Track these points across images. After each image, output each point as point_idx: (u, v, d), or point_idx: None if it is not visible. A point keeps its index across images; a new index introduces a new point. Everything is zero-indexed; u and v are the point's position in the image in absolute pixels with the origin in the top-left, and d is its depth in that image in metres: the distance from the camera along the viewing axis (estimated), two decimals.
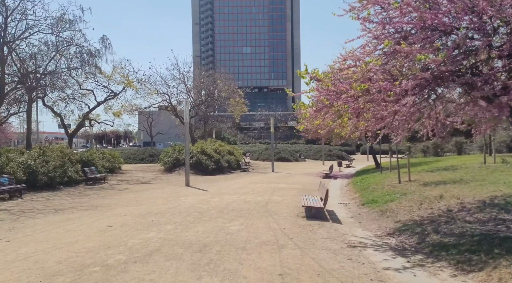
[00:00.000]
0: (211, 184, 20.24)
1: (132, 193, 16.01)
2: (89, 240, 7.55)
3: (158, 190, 17.09)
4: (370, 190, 14.57)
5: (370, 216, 10.37)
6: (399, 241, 7.45)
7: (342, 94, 7.85)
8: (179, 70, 33.10)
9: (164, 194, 15.54)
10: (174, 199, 13.93)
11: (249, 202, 12.81)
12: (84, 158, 22.05)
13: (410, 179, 15.03)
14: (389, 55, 7.48)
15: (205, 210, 11.15)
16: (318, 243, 7.33)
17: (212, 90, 34.64)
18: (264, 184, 19.49)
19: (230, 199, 13.70)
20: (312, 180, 22.25)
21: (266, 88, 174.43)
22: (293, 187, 17.98)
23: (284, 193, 15.61)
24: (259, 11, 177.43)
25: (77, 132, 26.96)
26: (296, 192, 15.88)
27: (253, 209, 11.26)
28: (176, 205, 12.20)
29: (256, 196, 14.60)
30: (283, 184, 19.26)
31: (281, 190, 16.50)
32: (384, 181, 16.13)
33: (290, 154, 47.20)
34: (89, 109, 25.91)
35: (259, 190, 16.48)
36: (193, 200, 13.38)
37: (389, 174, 18.73)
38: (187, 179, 19.14)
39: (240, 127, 77.67)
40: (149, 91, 31.33)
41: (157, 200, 13.78)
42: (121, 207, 12.21)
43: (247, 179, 22.96)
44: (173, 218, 9.79)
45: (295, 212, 10.95)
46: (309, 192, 15.89)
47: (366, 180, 18.58)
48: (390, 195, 12.50)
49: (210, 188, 17.77)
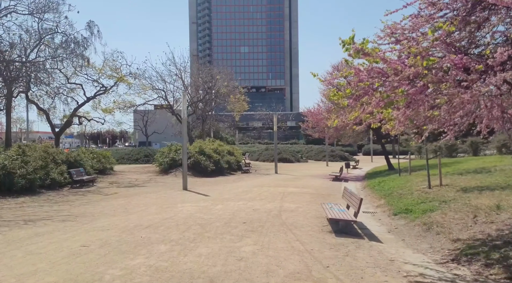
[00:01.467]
0: (211, 187, 18.24)
1: (122, 199, 13.97)
2: (52, 270, 5.53)
3: (151, 195, 15.05)
4: (397, 196, 12.62)
5: (412, 230, 8.40)
6: (475, 272, 5.48)
7: (396, 73, 5.89)
8: (175, 65, 31.07)
9: (158, 200, 13.51)
10: (170, 206, 11.92)
11: (258, 211, 10.82)
12: (71, 158, 19.96)
13: (441, 183, 13.09)
14: (464, 18, 5.51)
15: (208, 221, 9.15)
16: (366, 275, 5.35)
17: (210, 86, 32.62)
18: (271, 187, 17.51)
19: (236, 206, 11.70)
20: (322, 182, 20.30)
21: (264, 88, 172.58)
22: (305, 191, 16.01)
23: (297, 198, 13.63)
24: (257, 10, 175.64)
25: (64, 131, 24.91)
26: (310, 198, 13.91)
27: (265, 221, 9.27)
28: (172, 215, 10.19)
29: (265, 202, 12.61)
30: (292, 188, 17.29)
31: (292, 195, 14.52)
32: (409, 185, 14.19)
33: (291, 155, 45.20)
34: (78, 105, 23.80)
35: (267, 195, 14.50)
36: (192, 208, 11.38)
37: (410, 177, 16.80)
38: (185, 182, 17.13)
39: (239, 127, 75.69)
40: (144, 87, 29.28)
41: (150, 207, 11.76)
42: (106, 217, 10.17)
43: (250, 182, 20.96)
44: (168, 234, 7.78)
45: (317, 224, 8.98)
46: (325, 198, 13.94)
47: (385, 183, 16.63)
48: (426, 202, 10.55)
49: (210, 192, 15.77)
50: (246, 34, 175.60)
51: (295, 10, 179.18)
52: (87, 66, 21.83)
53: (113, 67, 22.86)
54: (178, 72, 31.44)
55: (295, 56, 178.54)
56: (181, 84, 31.55)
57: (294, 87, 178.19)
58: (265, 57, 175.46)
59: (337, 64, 24.30)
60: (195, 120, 39.50)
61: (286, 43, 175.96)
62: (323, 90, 24.92)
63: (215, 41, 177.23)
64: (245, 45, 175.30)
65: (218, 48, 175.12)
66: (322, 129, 25.50)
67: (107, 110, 26.58)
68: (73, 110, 23.40)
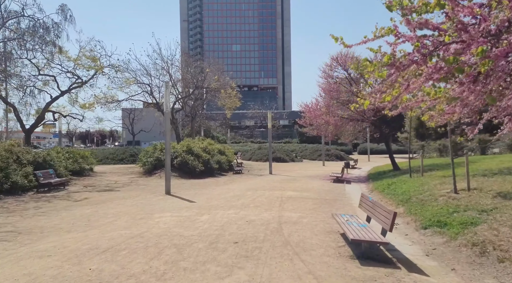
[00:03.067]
0: (198, 190, 16.05)
1: (90, 206, 11.72)
2: None
3: (127, 201, 12.83)
4: (417, 203, 10.58)
5: (459, 254, 6.34)
6: None
7: (463, 28, 3.80)
8: (162, 57, 28.74)
9: (133, 208, 11.30)
10: (145, 217, 9.73)
11: (253, 223, 8.70)
12: (39, 158, 17.62)
13: (469, 187, 11.09)
14: None
15: (188, 241, 7.00)
16: None
17: (200, 81, 30.35)
18: (266, 191, 15.39)
19: (225, 216, 9.56)
20: (323, 184, 18.24)
21: (256, 86, 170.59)
22: (305, 195, 13.91)
23: (298, 205, 11.54)
24: (249, 8, 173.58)
25: (36, 127, 22.52)
26: (313, 204, 11.83)
27: (263, 239, 7.16)
28: (144, 230, 8.02)
29: (261, 210, 10.50)
30: (290, 191, 15.19)
31: (291, 201, 12.42)
32: (427, 189, 12.19)
33: (285, 154, 43.15)
34: (51, 99, 21.38)
35: (263, 201, 12.38)
36: (171, 220, 9.21)
37: (424, 179, 14.79)
38: (168, 185, 14.92)
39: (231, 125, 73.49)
40: (127, 81, 26.91)
41: (120, 218, 9.56)
42: (58, 234, 7.96)
43: (242, 184, 18.83)
44: (130, 264, 5.62)
45: (330, 243, 6.90)
46: (330, 204, 11.87)
47: (396, 186, 14.62)
48: (459, 212, 8.53)
49: (197, 197, 13.60)
50: (238, 32, 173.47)
51: (287, 8, 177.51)
52: (59, 54, 19.43)
53: (90, 57, 20.52)
54: (165, 66, 29.15)
55: (287, 55, 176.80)
56: (168, 78, 29.20)
57: (286, 86, 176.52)
58: (257, 56, 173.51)
59: (336, 56, 22.29)
60: (184, 118, 37.23)
61: (279, 41, 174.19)
62: (322, 84, 22.88)
63: (206, 39, 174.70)
64: (237, 43, 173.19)
65: (209, 46, 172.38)
66: (319, 126, 23.45)
67: (85, 105, 24.20)
68: (45, 105, 20.98)
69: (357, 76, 22.15)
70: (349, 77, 22.16)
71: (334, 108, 22.26)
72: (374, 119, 21.50)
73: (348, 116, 22.39)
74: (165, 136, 15.22)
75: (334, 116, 21.74)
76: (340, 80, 22.19)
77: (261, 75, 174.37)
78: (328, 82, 22.55)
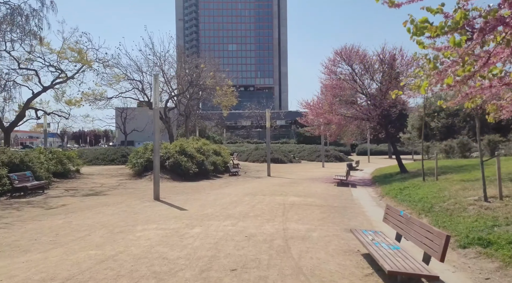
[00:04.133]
0: (191, 195, 14.53)
1: (64, 216, 10.17)
2: None
3: (108, 209, 11.28)
4: (442, 213, 9.14)
5: None
6: None
7: None
8: (154, 52, 27.13)
9: (113, 218, 9.76)
10: (125, 230, 8.22)
11: (254, 239, 7.22)
12: (16, 159, 16.01)
13: (502, 194, 9.65)
14: None
15: (172, 267, 5.50)
16: None
17: (195, 78, 28.77)
18: (266, 196, 13.90)
19: (221, 229, 8.07)
20: (327, 188, 16.79)
21: (253, 86, 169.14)
22: (310, 202, 12.44)
23: (303, 214, 10.07)
24: (245, 7, 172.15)
25: (16, 125, 20.90)
26: (321, 213, 10.37)
27: (267, 264, 5.67)
28: (120, 250, 6.51)
29: (262, 221, 9.02)
30: (292, 196, 13.72)
31: (295, 209, 10.95)
32: (448, 195, 10.76)
33: (283, 155, 41.69)
34: (32, 95, 19.74)
35: (263, 209, 10.90)
36: (156, 234, 7.70)
37: (441, 183, 13.36)
38: (157, 190, 13.39)
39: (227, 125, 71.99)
40: (116, 77, 25.28)
41: (94, 232, 8.03)
42: (11, 255, 6.42)
43: (239, 188, 17.34)
44: None
45: (353, 270, 5.43)
46: (340, 213, 10.41)
47: (410, 191, 13.19)
48: (501, 226, 7.11)
49: (189, 204, 12.10)
50: (234, 32, 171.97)
51: (284, 7, 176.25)
52: (40, 46, 17.82)
53: (75, 50, 18.93)
54: (158, 61, 27.55)
55: (284, 55, 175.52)
56: (161, 75, 27.63)
57: (283, 86, 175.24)
58: (254, 55, 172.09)
59: (340, 50, 20.83)
60: (178, 117, 35.65)
61: (275, 41, 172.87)
62: (324, 80, 21.41)
63: (202, 38, 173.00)
64: (233, 43, 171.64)
65: (205, 46, 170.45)
66: (321, 126, 21.99)
67: (71, 102, 22.57)
68: (26, 101, 19.34)
69: (362, 72, 20.75)
70: (353, 73, 20.72)
71: (337, 106, 20.84)
72: (380, 118, 20.09)
73: (352, 115, 20.99)
74: (153, 134, 13.70)
75: (337, 115, 20.31)
76: (344, 77, 20.74)
77: (258, 75, 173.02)
78: (331, 79, 21.10)
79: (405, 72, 19.90)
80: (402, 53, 19.63)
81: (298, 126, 24.66)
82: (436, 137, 31.59)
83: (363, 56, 19.99)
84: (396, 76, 19.25)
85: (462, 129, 29.73)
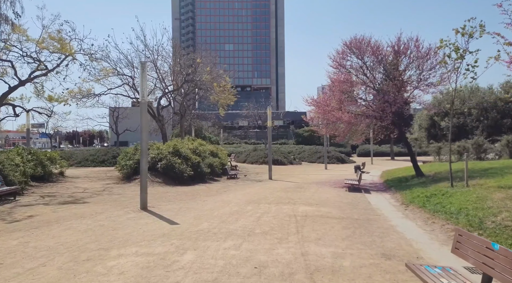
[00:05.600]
0: (184, 203, 12.56)
1: (24, 233, 8.15)
2: None
3: (82, 224, 9.27)
4: (503, 231, 7.25)
5: None
6: None
7: None
8: (146, 45, 25.05)
9: (85, 237, 7.77)
10: (94, 257, 6.24)
11: (267, 272, 5.29)
12: None
13: None
14: None
15: None
16: None
17: (190, 74, 26.75)
18: (272, 204, 11.96)
19: (220, 256, 6.13)
20: (338, 194, 14.88)
21: (249, 87, 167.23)
22: (325, 212, 10.51)
23: (322, 230, 8.14)
24: (242, 7, 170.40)
25: None
26: (342, 228, 8.44)
27: None
28: None
29: (273, 241, 7.09)
30: (302, 205, 11.79)
31: (310, 222, 9.02)
32: (496, 207, 8.86)
33: (283, 156, 39.81)
34: (8, 90, 17.63)
35: (271, 222, 8.96)
36: (133, 265, 5.73)
37: (476, 190, 11.45)
38: (144, 198, 11.42)
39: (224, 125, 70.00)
40: (105, 71, 23.24)
41: (52, 261, 6.04)
42: None
43: (240, 194, 15.39)
44: None
45: None
46: (366, 228, 8.49)
47: (440, 200, 11.28)
48: None
49: (181, 215, 10.14)
50: (231, 31, 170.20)
51: (281, 7, 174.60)
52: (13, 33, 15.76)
53: (56, 39, 16.90)
54: (150, 55, 25.52)
55: (281, 55, 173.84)
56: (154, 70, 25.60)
57: (280, 87, 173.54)
58: (251, 55, 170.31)
59: (349, 42, 18.94)
60: (173, 116, 33.62)
61: (272, 41, 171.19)
62: (332, 74, 19.47)
63: (198, 38, 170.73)
64: (230, 42, 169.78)
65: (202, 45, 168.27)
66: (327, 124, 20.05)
67: (53, 98, 20.52)
68: (0, 96, 17.25)
69: (374, 65, 18.88)
70: (364, 67, 18.84)
71: (346, 103, 18.95)
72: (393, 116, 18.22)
73: (362, 112, 19.12)
74: (140, 132, 11.74)
75: (347, 112, 18.41)
76: (355, 71, 18.85)
77: (254, 75, 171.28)
78: (340, 73, 19.19)
79: (420, 66, 18.06)
80: (418, 44, 17.73)
81: (304, 124, 23.07)
82: (446, 138, 29.72)
83: (376, 47, 18.10)
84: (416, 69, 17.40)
85: (475, 129, 27.91)
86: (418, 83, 18.25)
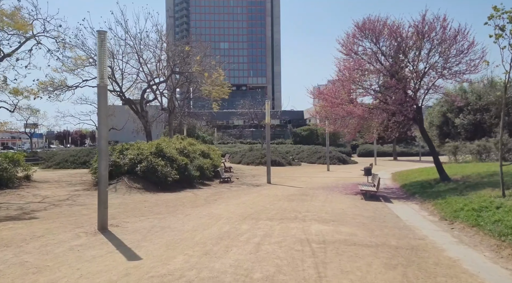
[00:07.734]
0: (160, 220, 9.64)
1: None
2: None
3: (1, 256, 6.35)
4: None
5: None
6: None
7: None
8: (127, 31, 22.11)
9: None
10: None
11: None
12: None
13: None
14: None
15: None
16: None
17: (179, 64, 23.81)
18: (275, 221, 9.08)
19: None
20: (354, 204, 12.05)
21: (245, 86, 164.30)
22: (347, 235, 7.65)
23: (355, 271, 5.27)
24: (237, 5, 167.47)
25: None
26: (383, 266, 5.57)
27: None
28: None
29: None
30: (314, 222, 8.93)
31: (333, 254, 6.16)
32: None
33: (281, 156, 36.95)
34: None
35: (277, 256, 6.09)
36: None
37: None
38: (103, 215, 8.46)
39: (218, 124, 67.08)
40: (81, 60, 20.27)
41: None
42: None
43: (233, 204, 12.50)
44: None
45: None
46: (413, 261, 5.61)
47: (497, 215, 8.47)
48: None
49: (148, 241, 7.23)
50: (226, 30, 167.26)
51: (277, 5, 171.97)
52: None
53: (7, 14, 13.96)
54: (133, 43, 22.54)
55: (277, 54, 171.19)
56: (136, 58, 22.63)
57: (276, 86, 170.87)
58: (246, 54, 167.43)
59: (361, 23, 16.15)
60: (161, 113, 30.67)
61: (268, 40, 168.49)
62: (341, 61, 16.62)
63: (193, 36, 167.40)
64: (225, 41, 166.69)
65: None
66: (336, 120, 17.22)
67: (18, 91, 17.56)
68: None
69: (391, 51, 16.09)
70: (378, 52, 16.03)
71: (358, 94, 16.18)
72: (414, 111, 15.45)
73: (374, 106, 16.37)
74: (98, 125, 8.84)
75: (360, 105, 15.61)
76: (368, 58, 16.04)
77: (250, 74, 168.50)
78: (350, 60, 16.36)
79: (446, 51, 15.27)
80: (446, 25, 14.92)
81: (311, 123, 20.83)
82: (461, 136, 27.08)
83: (395, 28, 15.28)
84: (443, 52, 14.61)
85: (494, 127, 25.21)
86: (443, 70, 15.49)
